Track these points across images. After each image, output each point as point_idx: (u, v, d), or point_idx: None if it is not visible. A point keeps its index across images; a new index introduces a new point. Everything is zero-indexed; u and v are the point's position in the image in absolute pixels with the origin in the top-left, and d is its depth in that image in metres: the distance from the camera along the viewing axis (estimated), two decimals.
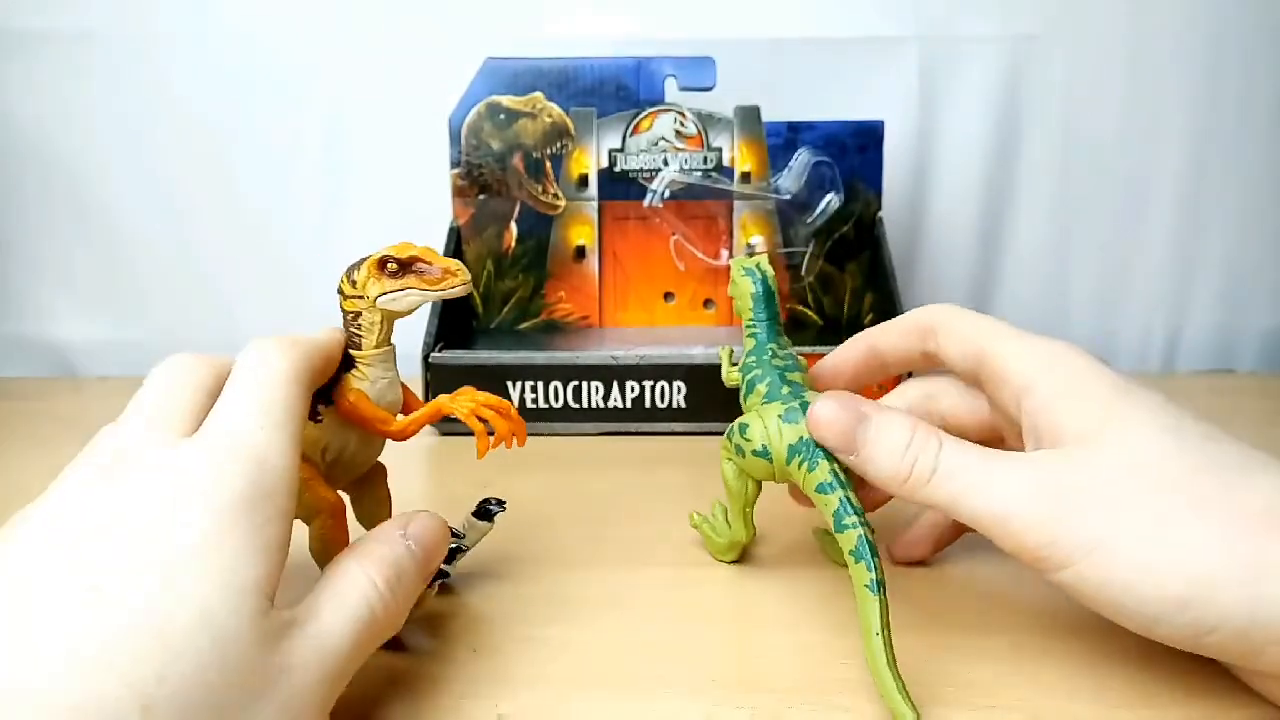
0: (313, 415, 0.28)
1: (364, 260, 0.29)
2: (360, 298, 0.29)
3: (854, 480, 0.29)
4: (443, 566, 0.29)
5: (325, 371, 0.28)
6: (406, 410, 0.31)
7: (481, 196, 0.57)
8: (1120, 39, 0.62)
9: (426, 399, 0.50)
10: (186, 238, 0.65)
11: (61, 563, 0.21)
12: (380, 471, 0.32)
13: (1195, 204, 0.65)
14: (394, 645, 0.28)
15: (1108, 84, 0.63)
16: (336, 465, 0.30)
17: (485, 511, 0.32)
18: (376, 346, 0.29)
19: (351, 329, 0.29)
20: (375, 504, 0.32)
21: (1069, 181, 0.65)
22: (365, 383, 0.29)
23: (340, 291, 0.29)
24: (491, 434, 0.30)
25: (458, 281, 0.28)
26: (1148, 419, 0.26)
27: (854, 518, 0.27)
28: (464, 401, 0.30)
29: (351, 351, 0.29)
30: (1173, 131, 0.64)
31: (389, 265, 0.28)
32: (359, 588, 0.24)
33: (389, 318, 0.29)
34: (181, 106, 0.63)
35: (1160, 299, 0.67)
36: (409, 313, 0.29)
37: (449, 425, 0.51)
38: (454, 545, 0.31)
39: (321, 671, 0.22)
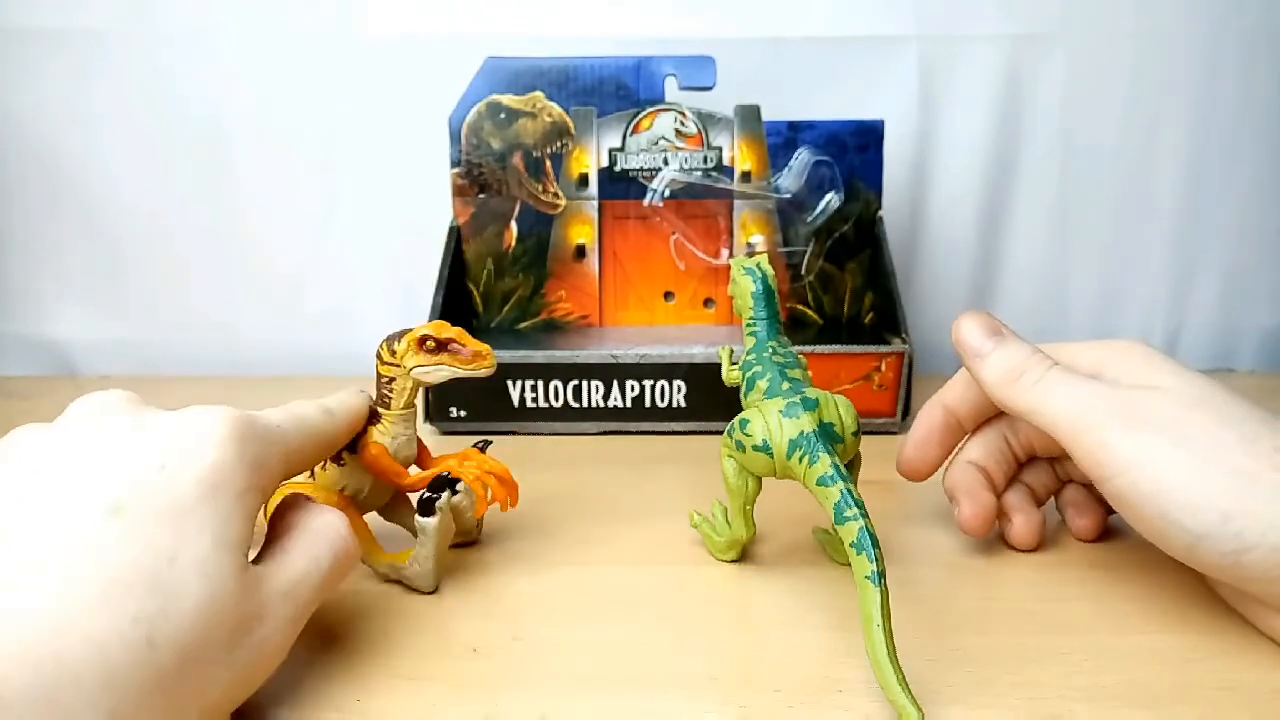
0: (336, 459, 0.33)
1: (405, 333, 0.32)
2: (397, 366, 0.32)
3: (853, 475, 0.29)
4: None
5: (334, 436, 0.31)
6: (420, 463, 0.35)
7: (481, 196, 0.57)
8: (1120, 39, 0.62)
9: (427, 394, 0.51)
10: (187, 236, 0.65)
11: (83, 479, 0.22)
12: (403, 498, 0.36)
13: (1195, 204, 0.65)
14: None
15: (1108, 84, 0.63)
16: (352, 502, 0.34)
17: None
18: (403, 408, 0.33)
19: (383, 391, 0.33)
20: (402, 516, 0.36)
21: (1069, 182, 0.65)
22: (387, 438, 0.33)
23: (378, 357, 0.33)
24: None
25: (486, 364, 0.32)
26: (1204, 378, 0.30)
27: (855, 510, 0.28)
28: (470, 467, 0.34)
29: (380, 409, 0.33)
30: (1172, 132, 0.64)
31: (428, 343, 0.32)
32: (329, 534, 0.27)
33: (418, 386, 0.33)
34: (182, 106, 0.63)
35: (1160, 299, 0.67)
36: (435, 384, 0.33)
37: (448, 424, 0.51)
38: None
39: (290, 616, 0.25)
